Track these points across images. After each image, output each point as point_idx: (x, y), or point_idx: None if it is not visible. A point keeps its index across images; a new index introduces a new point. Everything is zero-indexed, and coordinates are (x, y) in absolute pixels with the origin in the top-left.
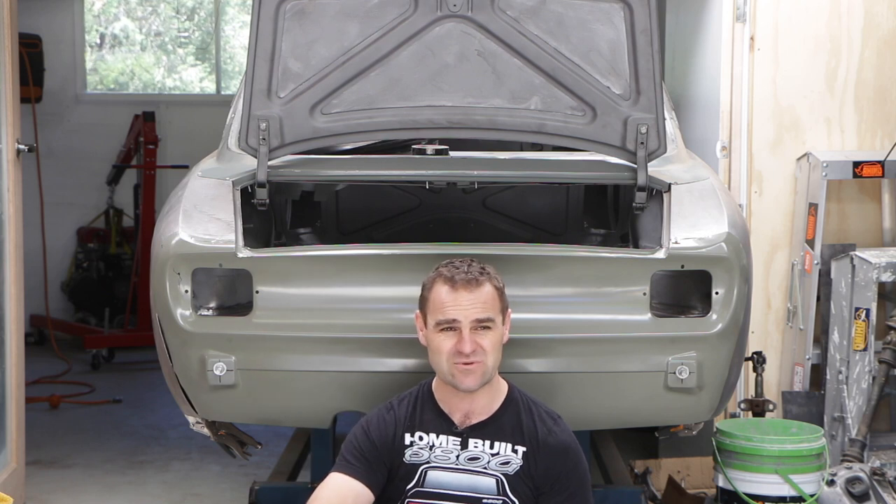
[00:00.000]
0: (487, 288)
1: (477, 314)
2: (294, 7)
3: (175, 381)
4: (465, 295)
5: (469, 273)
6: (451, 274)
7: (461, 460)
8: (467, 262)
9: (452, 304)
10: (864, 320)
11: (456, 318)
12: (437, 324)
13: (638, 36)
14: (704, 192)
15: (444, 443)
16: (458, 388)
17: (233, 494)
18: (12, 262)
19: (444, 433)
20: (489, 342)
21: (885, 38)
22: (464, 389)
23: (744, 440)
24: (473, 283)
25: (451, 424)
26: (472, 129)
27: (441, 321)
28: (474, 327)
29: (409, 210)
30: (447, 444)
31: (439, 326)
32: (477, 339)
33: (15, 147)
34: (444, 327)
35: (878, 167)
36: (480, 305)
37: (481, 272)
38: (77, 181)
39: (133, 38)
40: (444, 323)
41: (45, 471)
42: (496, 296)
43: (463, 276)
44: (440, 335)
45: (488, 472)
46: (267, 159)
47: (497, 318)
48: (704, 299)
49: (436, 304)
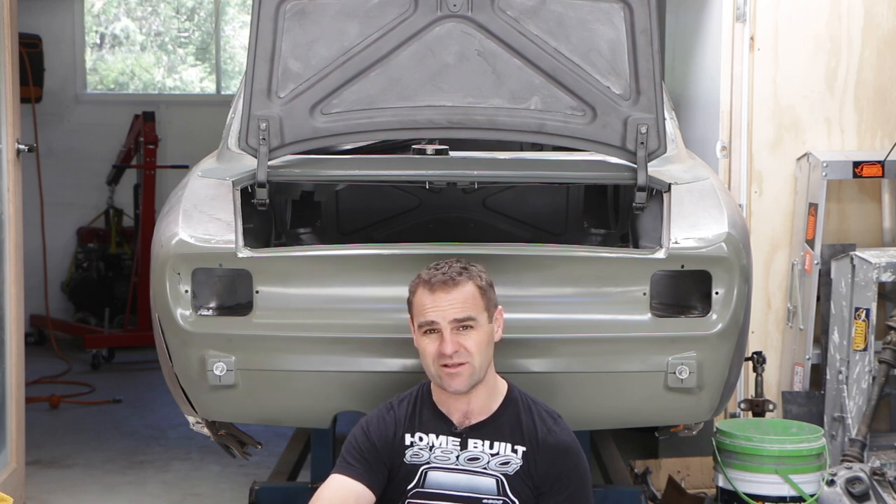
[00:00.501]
0: (468, 287)
1: (455, 314)
2: (294, 7)
3: (175, 381)
4: (442, 296)
5: (447, 274)
6: (429, 277)
7: (461, 461)
8: (450, 263)
9: (431, 306)
10: (864, 320)
11: (434, 319)
12: (419, 327)
13: (638, 36)
14: (704, 192)
15: (444, 443)
16: (447, 390)
17: (233, 494)
18: (12, 262)
19: (444, 434)
20: (473, 342)
21: (885, 38)
22: (452, 391)
23: (744, 440)
24: (451, 284)
25: (451, 425)
26: (472, 129)
27: (422, 323)
28: (455, 328)
29: (409, 210)
30: (447, 445)
31: (422, 329)
32: (459, 339)
33: (15, 147)
34: (426, 329)
35: (878, 167)
36: (459, 305)
37: (461, 272)
38: (77, 181)
39: (133, 38)
40: (424, 325)
41: (45, 471)
42: (477, 294)
43: (440, 278)
44: (424, 338)
45: (488, 473)
46: (267, 159)
47: (480, 317)
48: (704, 299)
49: (417, 308)
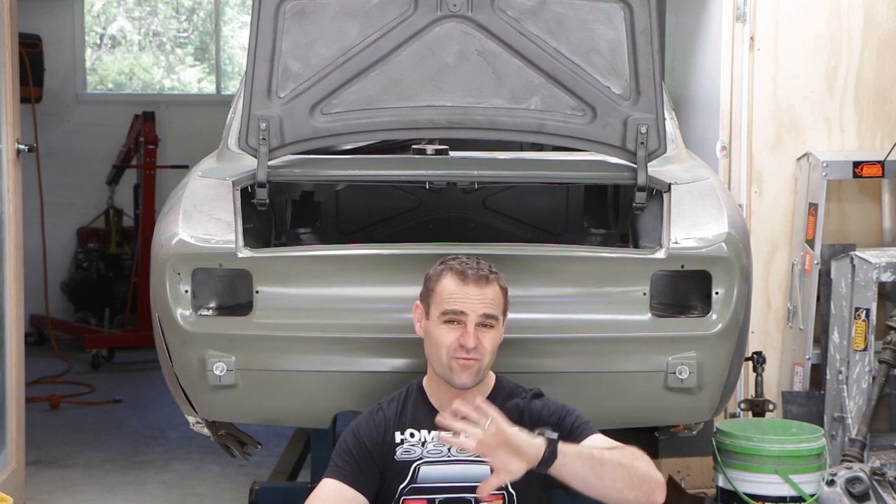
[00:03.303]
0: (495, 287)
1: (485, 309)
2: (294, 7)
3: (175, 381)
4: (474, 290)
5: (480, 269)
6: (463, 268)
7: (453, 451)
8: (475, 260)
9: (461, 297)
10: (864, 320)
11: (463, 310)
12: (442, 313)
13: (638, 36)
14: (704, 192)
15: (436, 437)
16: (452, 383)
17: (233, 494)
18: (12, 262)
19: (436, 428)
20: (490, 341)
21: (885, 38)
22: (458, 385)
23: (744, 440)
24: (484, 280)
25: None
26: (472, 129)
27: (447, 311)
28: (480, 323)
29: (409, 210)
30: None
31: (444, 317)
32: (479, 335)
33: (15, 147)
34: (449, 319)
35: (878, 167)
36: (489, 301)
37: (491, 271)
38: (77, 181)
39: (132, 39)
40: (449, 313)
41: (45, 471)
42: (501, 296)
43: (474, 272)
44: (443, 327)
45: (482, 459)
46: (267, 159)
47: (500, 319)
48: (704, 299)
49: (442, 295)
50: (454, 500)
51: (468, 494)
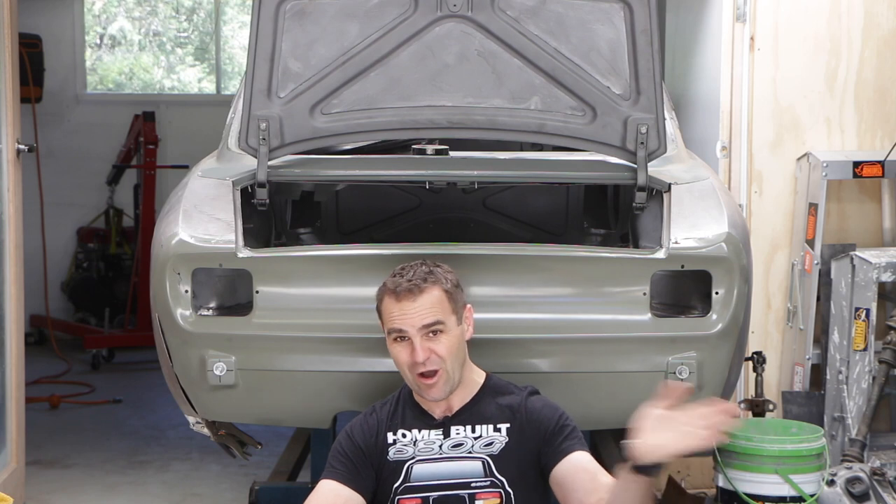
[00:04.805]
0: (434, 292)
1: (422, 320)
2: (294, 7)
3: (175, 381)
4: (408, 304)
5: (412, 280)
6: (394, 285)
7: (445, 449)
8: (414, 268)
9: (399, 314)
10: (864, 320)
11: (402, 327)
12: (388, 333)
13: (638, 36)
14: (704, 192)
15: (427, 436)
16: (426, 398)
17: (233, 494)
18: (12, 262)
19: (426, 428)
20: (444, 347)
21: (885, 38)
22: (431, 400)
23: (744, 440)
24: (416, 291)
25: (432, 419)
26: (472, 129)
27: (391, 330)
28: (424, 334)
29: (409, 210)
30: (430, 437)
31: (391, 336)
32: (430, 345)
33: (15, 147)
34: (396, 336)
35: (878, 167)
36: (426, 311)
37: (426, 277)
38: (77, 181)
39: (131, 39)
40: (394, 332)
41: (45, 471)
42: (444, 298)
43: (405, 286)
44: (395, 345)
45: (473, 456)
46: (267, 159)
47: (449, 320)
48: (704, 299)
49: (385, 316)
50: (448, 498)
51: (461, 491)
